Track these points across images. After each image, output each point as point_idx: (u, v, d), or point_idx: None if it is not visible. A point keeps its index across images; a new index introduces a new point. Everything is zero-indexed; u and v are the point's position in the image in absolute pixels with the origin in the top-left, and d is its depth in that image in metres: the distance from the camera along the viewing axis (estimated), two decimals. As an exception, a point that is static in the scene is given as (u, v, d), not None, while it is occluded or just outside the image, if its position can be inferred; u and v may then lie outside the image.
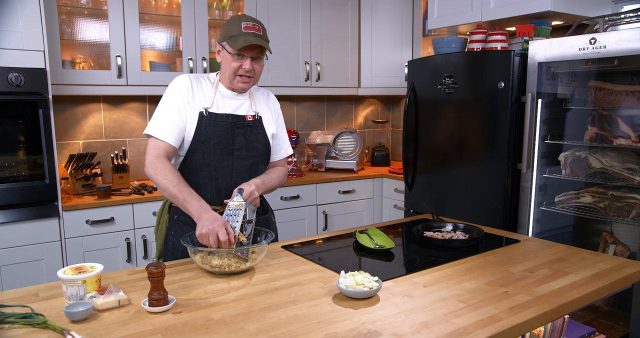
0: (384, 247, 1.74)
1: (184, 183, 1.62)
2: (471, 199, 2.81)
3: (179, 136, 1.70)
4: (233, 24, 1.68)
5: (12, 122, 2.42)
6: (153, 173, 1.64)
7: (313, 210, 3.45)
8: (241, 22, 1.67)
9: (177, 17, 3.12)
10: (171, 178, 1.61)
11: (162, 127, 1.68)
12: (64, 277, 1.28)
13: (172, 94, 1.72)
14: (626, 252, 2.39)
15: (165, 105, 1.71)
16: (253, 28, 1.68)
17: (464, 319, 1.18)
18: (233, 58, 1.69)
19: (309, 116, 4.09)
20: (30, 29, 2.39)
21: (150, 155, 1.66)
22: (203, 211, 1.55)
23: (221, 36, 1.72)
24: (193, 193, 1.60)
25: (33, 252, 2.48)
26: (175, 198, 1.61)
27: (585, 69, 2.58)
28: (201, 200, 1.59)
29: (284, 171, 1.94)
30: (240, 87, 1.75)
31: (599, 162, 2.42)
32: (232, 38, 1.66)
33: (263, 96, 1.90)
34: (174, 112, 1.69)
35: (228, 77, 1.74)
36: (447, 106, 2.91)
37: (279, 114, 1.94)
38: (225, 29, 1.71)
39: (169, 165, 1.65)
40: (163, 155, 1.66)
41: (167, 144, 1.67)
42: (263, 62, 1.75)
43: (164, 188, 1.62)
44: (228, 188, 1.76)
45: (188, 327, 1.15)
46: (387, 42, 3.79)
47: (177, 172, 1.65)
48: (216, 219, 1.50)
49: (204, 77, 1.80)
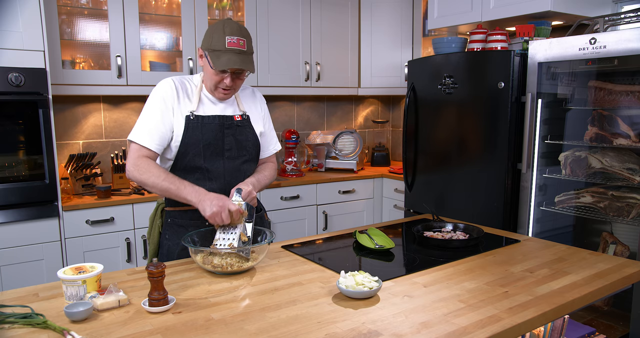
0: (384, 247, 1.74)
1: (171, 175, 1.61)
2: (471, 199, 2.81)
3: (161, 142, 1.68)
4: (217, 34, 1.62)
5: (12, 122, 2.42)
6: (137, 174, 1.61)
7: (313, 210, 3.45)
8: (225, 36, 1.60)
9: (177, 17, 3.12)
10: (158, 174, 1.60)
11: (143, 133, 1.66)
12: (64, 277, 1.28)
13: (155, 99, 1.69)
14: (626, 252, 2.39)
15: (147, 111, 1.69)
16: (237, 44, 1.61)
17: (464, 319, 1.18)
18: (215, 72, 1.65)
19: (309, 116, 4.09)
20: (30, 29, 2.39)
21: (131, 159, 1.65)
22: (202, 194, 1.55)
23: (204, 43, 1.67)
24: (185, 182, 1.60)
25: (33, 252, 2.48)
26: (168, 190, 1.59)
27: (585, 69, 2.58)
28: (195, 186, 1.59)
29: (274, 167, 1.95)
30: (220, 98, 1.75)
31: (599, 162, 2.42)
32: (215, 53, 1.62)
33: (249, 95, 1.89)
34: (156, 118, 1.67)
35: (209, 86, 1.73)
36: (447, 106, 2.91)
37: (265, 111, 1.93)
38: (209, 36, 1.65)
39: (152, 163, 1.63)
40: (145, 156, 1.65)
41: (148, 150, 1.66)
42: (245, 76, 1.72)
43: (154, 185, 1.60)
44: (222, 189, 1.75)
45: (188, 327, 1.15)
46: (387, 42, 3.79)
47: (162, 168, 1.64)
48: (220, 198, 1.53)
49: (187, 79, 1.78)
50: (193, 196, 1.56)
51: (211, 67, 1.64)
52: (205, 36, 1.68)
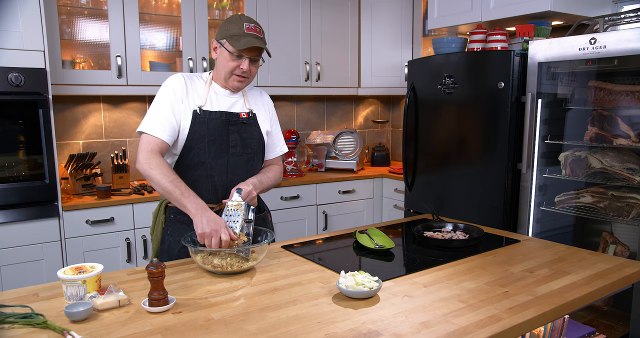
0: (384, 247, 1.74)
1: (180, 180, 1.61)
2: (471, 199, 2.81)
3: (172, 133, 1.69)
4: (234, 23, 1.68)
5: (12, 122, 2.42)
6: (147, 168, 1.61)
7: (313, 210, 3.45)
8: (243, 23, 1.67)
9: (177, 17, 3.12)
10: (167, 174, 1.59)
11: (155, 124, 1.66)
12: (64, 277, 1.28)
13: (165, 92, 1.71)
14: (626, 252, 2.39)
15: (158, 103, 1.70)
16: (255, 30, 1.69)
17: (464, 319, 1.18)
18: (231, 57, 1.69)
19: (309, 116, 4.08)
20: (30, 29, 2.39)
21: (144, 151, 1.63)
22: (203, 210, 1.53)
23: (220, 33, 1.71)
24: (190, 190, 1.59)
25: (33, 252, 2.48)
26: (171, 193, 1.58)
27: (585, 69, 2.58)
28: (199, 199, 1.58)
29: (279, 170, 1.94)
30: (235, 86, 1.76)
31: (599, 162, 2.42)
32: (234, 37, 1.66)
33: (257, 94, 1.91)
34: (167, 110, 1.68)
35: (224, 76, 1.74)
36: (447, 106, 2.91)
37: (273, 113, 1.94)
38: (225, 26, 1.70)
39: (164, 162, 1.63)
40: (157, 151, 1.64)
41: (160, 140, 1.66)
42: (259, 64, 1.76)
43: (159, 184, 1.59)
44: (224, 186, 1.76)
45: (188, 327, 1.15)
46: (387, 42, 3.79)
47: (172, 169, 1.64)
48: (217, 221, 1.50)
49: (197, 75, 1.80)
50: (193, 207, 1.54)
51: (229, 52, 1.68)
52: (220, 28, 1.72)
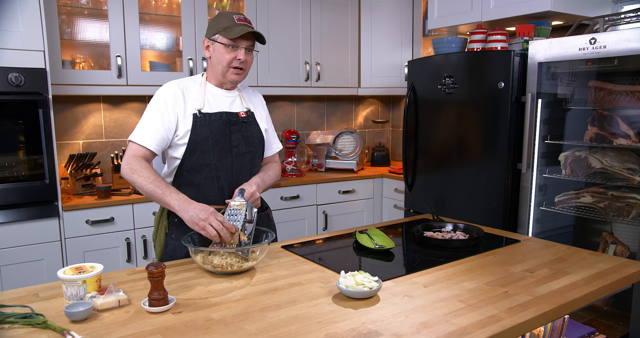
0: (384, 247, 1.74)
1: (161, 179, 1.61)
2: (471, 199, 2.81)
3: (161, 143, 1.70)
4: (224, 17, 1.71)
5: (12, 122, 2.42)
6: (129, 172, 1.62)
7: (313, 210, 3.45)
8: (233, 15, 1.70)
9: (177, 17, 3.12)
10: (147, 176, 1.59)
11: (143, 134, 1.68)
12: (64, 277, 1.28)
13: (156, 102, 1.71)
14: (626, 252, 2.39)
15: (148, 113, 1.71)
16: (245, 20, 1.72)
17: (464, 319, 1.18)
18: (227, 49, 1.70)
19: (309, 116, 4.08)
20: (30, 29, 2.39)
21: (126, 157, 1.66)
22: (186, 204, 1.54)
23: (211, 30, 1.73)
24: (172, 187, 1.60)
25: (33, 252, 2.48)
26: (153, 194, 1.59)
27: (585, 69, 2.58)
28: (180, 193, 1.58)
29: (278, 167, 1.96)
30: (233, 80, 1.76)
31: (599, 162, 2.42)
32: (227, 29, 1.68)
33: (251, 93, 1.93)
34: (156, 120, 1.68)
35: (221, 71, 1.74)
36: (447, 106, 2.91)
37: (266, 110, 1.97)
38: (215, 22, 1.72)
39: (145, 164, 1.63)
40: (140, 156, 1.66)
41: (145, 148, 1.67)
42: (253, 54, 1.78)
43: (141, 186, 1.60)
44: (230, 187, 1.77)
45: (188, 327, 1.15)
46: (387, 42, 3.79)
47: (154, 171, 1.64)
48: (204, 209, 1.51)
49: (189, 80, 1.80)
50: (176, 204, 1.55)
51: (224, 45, 1.69)
52: (210, 26, 1.75)
